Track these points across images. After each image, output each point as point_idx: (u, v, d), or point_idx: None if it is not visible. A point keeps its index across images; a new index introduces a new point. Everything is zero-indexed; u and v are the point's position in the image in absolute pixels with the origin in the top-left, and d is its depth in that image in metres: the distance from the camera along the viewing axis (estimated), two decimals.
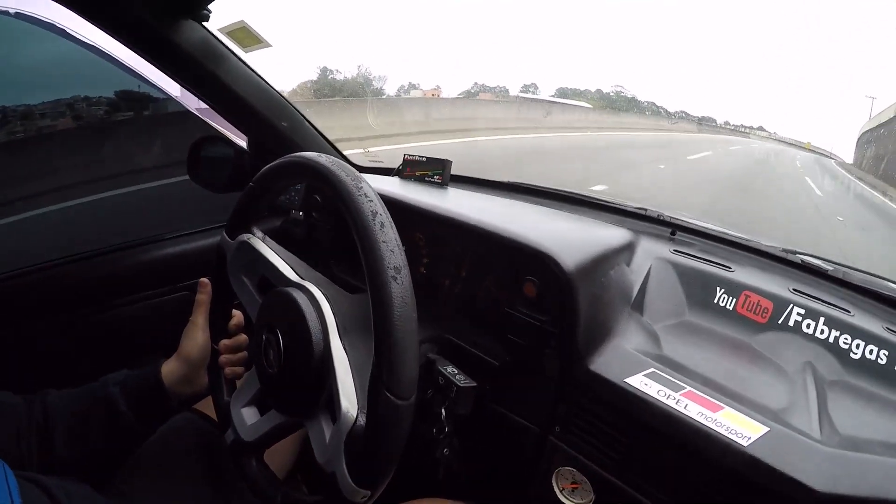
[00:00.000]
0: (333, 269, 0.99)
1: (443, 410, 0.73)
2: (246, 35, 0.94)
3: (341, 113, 8.37)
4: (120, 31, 0.89)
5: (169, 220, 1.20)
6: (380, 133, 8.14)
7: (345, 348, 0.56)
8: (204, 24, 0.92)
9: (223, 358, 0.77)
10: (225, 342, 0.76)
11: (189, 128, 1.25)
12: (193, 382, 0.79)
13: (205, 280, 0.77)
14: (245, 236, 0.69)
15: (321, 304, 0.59)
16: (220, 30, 0.95)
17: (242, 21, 0.94)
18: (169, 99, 1.30)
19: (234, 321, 0.78)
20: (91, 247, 1.06)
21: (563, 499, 0.73)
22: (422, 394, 0.74)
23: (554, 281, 0.69)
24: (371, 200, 0.52)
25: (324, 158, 0.57)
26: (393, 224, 0.52)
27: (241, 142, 1.17)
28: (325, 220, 1.04)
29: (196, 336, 0.77)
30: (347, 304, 0.61)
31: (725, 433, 0.57)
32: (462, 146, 8.65)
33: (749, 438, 0.57)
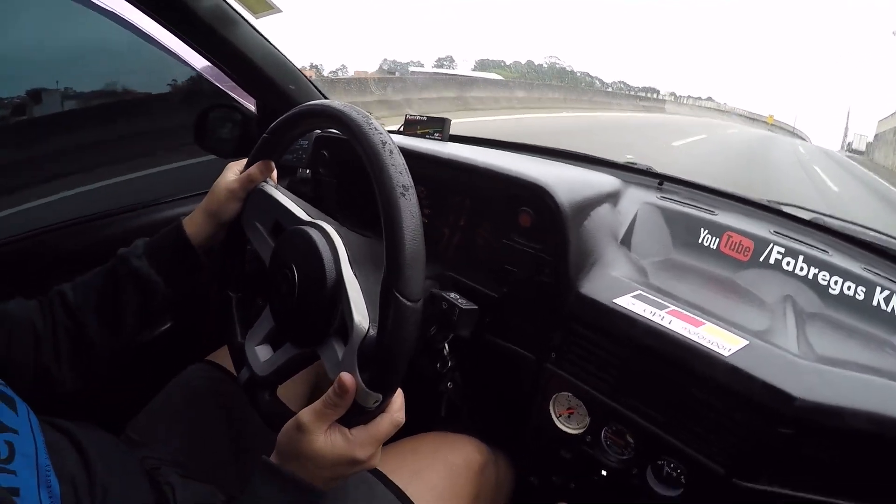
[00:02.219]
0: (340, 221, 1.06)
1: (445, 346, 0.79)
2: (257, 1, 1.00)
3: None
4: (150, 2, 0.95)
5: (179, 184, 1.26)
6: None
7: (356, 275, 0.62)
8: None
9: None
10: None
11: (199, 97, 1.32)
12: (215, 238, 0.79)
13: (272, 163, 0.77)
14: (258, 185, 0.75)
15: (333, 237, 0.65)
16: None
17: None
18: (183, 67, 1.37)
19: None
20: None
21: (560, 425, 0.79)
22: (425, 331, 0.81)
23: (547, 211, 0.76)
24: (380, 132, 0.58)
25: (336, 103, 0.64)
26: (399, 152, 0.59)
27: (250, 107, 1.22)
28: (331, 175, 1.10)
29: (231, 203, 0.77)
30: (357, 241, 0.68)
31: (707, 344, 0.64)
32: None
33: (730, 349, 0.64)
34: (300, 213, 0.71)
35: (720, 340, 0.65)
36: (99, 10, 1.13)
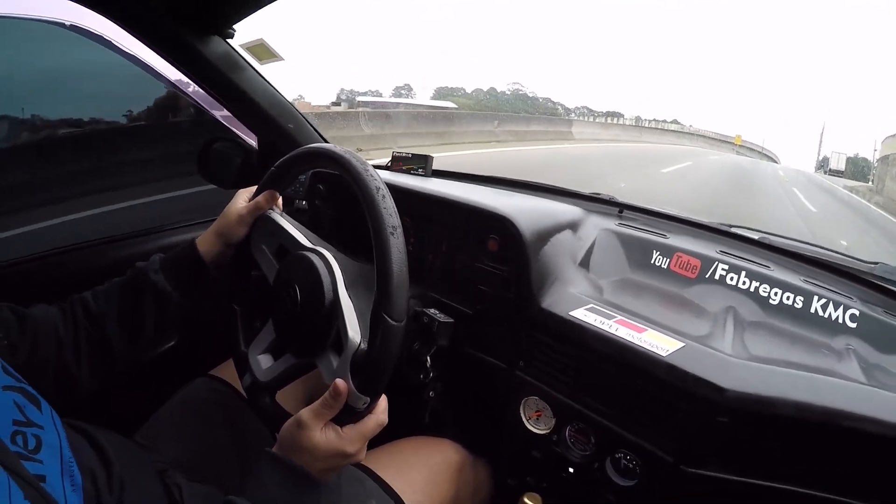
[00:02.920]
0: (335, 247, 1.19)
1: (428, 359, 0.89)
2: (263, 50, 1.15)
3: None
4: (158, 44, 1.10)
5: (179, 213, 1.38)
6: None
7: (350, 297, 0.73)
8: (228, 40, 1.13)
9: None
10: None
11: (204, 131, 1.46)
12: (225, 258, 0.88)
13: (274, 192, 0.86)
14: (266, 212, 0.87)
15: (331, 262, 0.76)
16: (241, 45, 1.16)
17: (262, 39, 1.16)
18: (190, 103, 1.53)
19: None
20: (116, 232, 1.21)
21: (529, 426, 0.90)
22: (409, 345, 0.92)
23: (511, 238, 0.88)
24: (375, 178, 0.71)
25: (338, 148, 0.76)
26: (390, 196, 0.70)
27: (251, 142, 1.36)
28: (326, 207, 1.23)
29: (239, 228, 0.86)
30: (351, 266, 0.79)
31: (648, 347, 0.75)
32: None
33: (667, 350, 0.75)
34: (302, 240, 0.81)
35: (660, 343, 0.76)
36: (118, 51, 1.28)
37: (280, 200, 0.88)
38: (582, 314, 0.82)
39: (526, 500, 0.83)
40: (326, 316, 0.72)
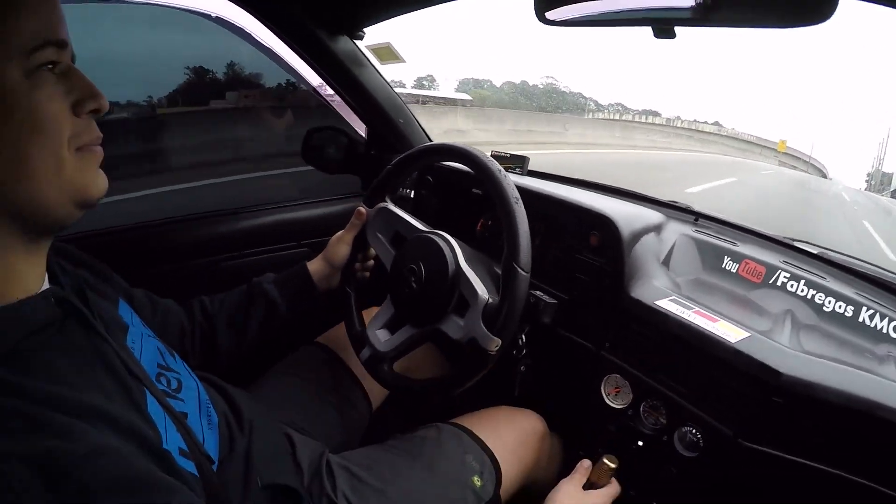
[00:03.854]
0: None
1: (522, 336, 1.03)
2: (387, 52, 1.34)
3: None
4: (295, 40, 1.29)
5: (294, 192, 1.58)
6: None
7: (471, 268, 0.91)
8: (356, 41, 1.32)
9: (358, 265, 1.06)
10: (358, 264, 1.06)
11: (317, 118, 1.67)
12: (330, 280, 1.04)
13: (360, 209, 1.04)
14: (382, 204, 1.04)
15: (451, 241, 0.93)
16: (367, 46, 1.35)
17: (388, 42, 1.34)
18: (312, 94, 1.75)
19: (370, 254, 1.08)
20: (234, 205, 1.39)
21: (609, 401, 1.06)
22: None
23: (611, 235, 1.06)
24: (495, 162, 0.89)
25: (476, 149, 0.94)
26: (510, 177, 0.88)
27: (359, 131, 1.54)
28: (432, 196, 1.41)
29: (341, 247, 1.03)
30: (463, 245, 0.95)
31: (719, 334, 0.91)
32: None
33: (735, 338, 0.90)
34: (420, 226, 0.99)
35: (729, 332, 0.91)
36: (254, 42, 1.50)
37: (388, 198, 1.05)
38: (666, 304, 0.98)
39: (605, 459, 0.92)
40: (450, 285, 0.88)
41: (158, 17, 1.46)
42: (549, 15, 0.88)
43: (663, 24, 0.77)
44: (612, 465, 0.93)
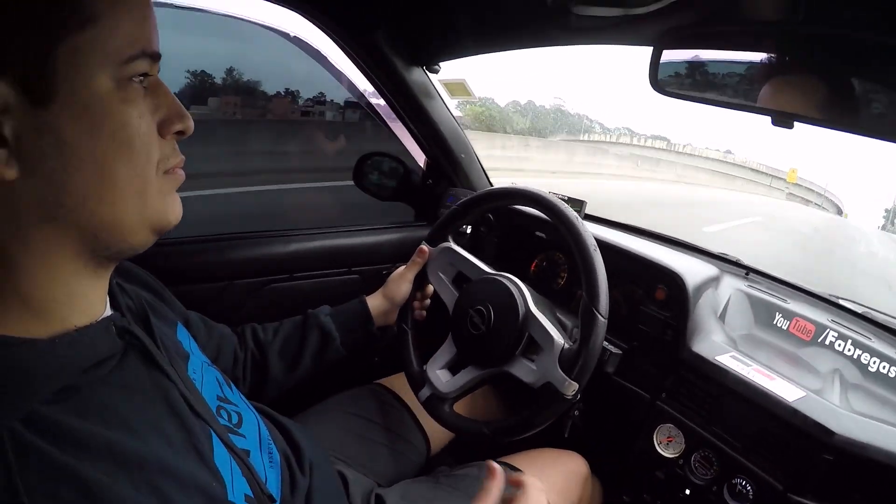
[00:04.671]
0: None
1: None
2: (460, 88, 1.39)
3: None
4: (369, 66, 1.33)
5: (345, 217, 1.60)
6: None
7: (540, 311, 0.93)
8: (429, 73, 1.37)
9: (416, 303, 1.06)
10: (416, 302, 1.07)
11: (374, 143, 1.73)
12: (388, 316, 1.04)
13: (423, 248, 1.04)
14: (446, 244, 1.06)
15: (520, 284, 0.97)
16: (441, 80, 1.40)
17: (464, 79, 1.39)
18: (374, 119, 1.81)
19: (427, 292, 1.09)
20: (288, 226, 1.40)
21: (660, 450, 1.11)
22: None
23: (677, 290, 1.12)
24: (574, 214, 0.92)
25: (549, 194, 0.97)
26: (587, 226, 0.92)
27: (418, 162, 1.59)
28: (492, 235, 1.46)
29: (402, 284, 1.04)
30: (532, 290, 0.98)
31: (777, 392, 0.96)
32: None
33: (792, 397, 0.96)
34: (485, 268, 1.02)
35: (786, 390, 0.97)
36: (326, 65, 1.59)
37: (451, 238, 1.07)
38: (726, 360, 1.04)
39: None
40: (519, 328, 0.91)
41: (243, 32, 1.54)
42: (668, 88, 0.91)
43: (785, 118, 0.80)
44: None
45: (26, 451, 0.38)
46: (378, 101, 1.52)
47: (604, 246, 1.22)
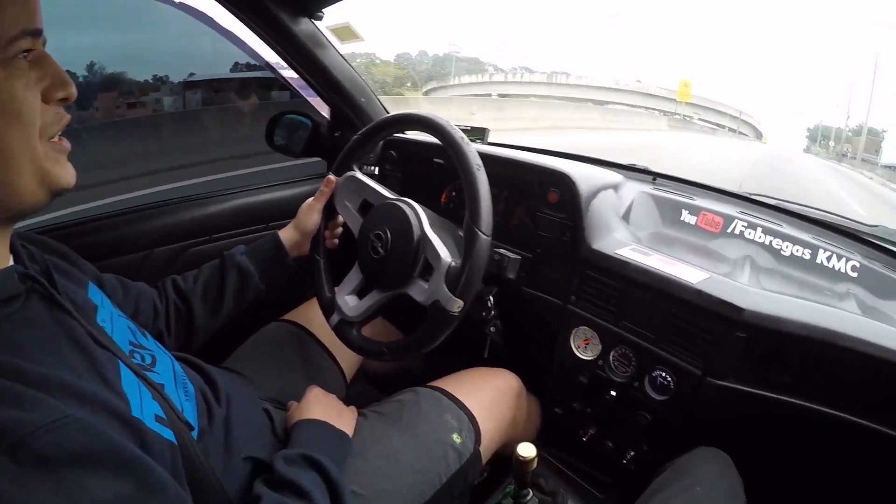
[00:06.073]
0: None
1: (490, 298, 1.08)
2: (347, 32, 1.36)
3: None
4: (256, 23, 1.31)
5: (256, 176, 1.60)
6: None
7: (435, 233, 0.93)
8: (315, 21, 1.34)
9: (327, 233, 1.08)
10: (327, 231, 1.09)
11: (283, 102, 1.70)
12: (301, 247, 1.07)
13: (330, 178, 1.06)
14: (350, 173, 1.06)
15: (416, 208, 0.96)
16: (327, 27, 1.37)
17: (348, 22, 1.37)
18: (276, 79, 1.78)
19: (338, 221, 1.11)
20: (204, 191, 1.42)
21: (579, 354, 1.11)
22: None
23: (569, 191, 1.10)
24: (460, 133, 0.92)
25: (439, 118, 0.96)
26: (472, 145, 0.91)
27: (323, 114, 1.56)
28: (396, 171, 1.45)
29: (312, 214, 1.06)
30: (429, 212, 0.98)
31: (681, 276, 0.96)
32: None
33: (696, 279, 0.95)
34: (387, 193, 1.02)
35: (690, 274, 0.97)
36: (216, 27, 1.55)
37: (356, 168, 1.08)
38: (626, 252, 1.04)
39: (519, 450, 0.77)
40: (414, 250, 0.92)
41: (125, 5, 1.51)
42: None
43: None
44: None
45: None
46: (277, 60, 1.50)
47: (497, 160, 1.22)
